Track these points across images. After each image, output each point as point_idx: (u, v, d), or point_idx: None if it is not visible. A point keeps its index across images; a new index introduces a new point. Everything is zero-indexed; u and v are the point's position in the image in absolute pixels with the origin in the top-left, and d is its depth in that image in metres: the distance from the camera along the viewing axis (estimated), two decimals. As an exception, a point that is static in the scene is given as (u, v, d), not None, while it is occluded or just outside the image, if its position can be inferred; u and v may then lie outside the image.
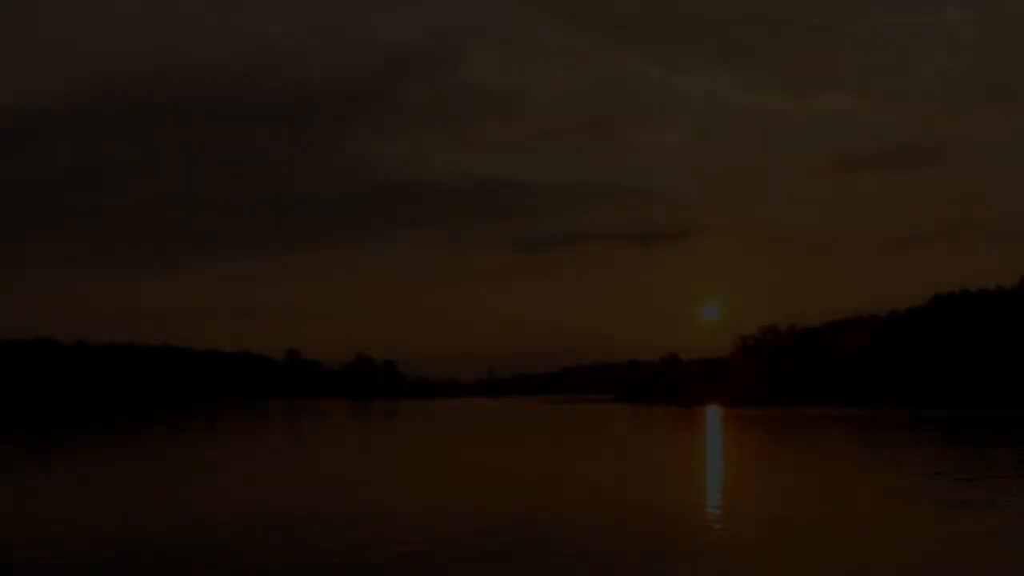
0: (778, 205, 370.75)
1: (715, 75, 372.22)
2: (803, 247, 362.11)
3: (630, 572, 17.14)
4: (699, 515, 24.69)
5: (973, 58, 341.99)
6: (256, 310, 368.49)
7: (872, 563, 17.83)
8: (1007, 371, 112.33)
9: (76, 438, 65.43)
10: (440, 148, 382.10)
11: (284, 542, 20.67)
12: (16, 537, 21.74)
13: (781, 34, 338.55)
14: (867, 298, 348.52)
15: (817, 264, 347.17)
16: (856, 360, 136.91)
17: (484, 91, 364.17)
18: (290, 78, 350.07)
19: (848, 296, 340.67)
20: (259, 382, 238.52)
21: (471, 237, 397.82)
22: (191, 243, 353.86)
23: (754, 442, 57.25)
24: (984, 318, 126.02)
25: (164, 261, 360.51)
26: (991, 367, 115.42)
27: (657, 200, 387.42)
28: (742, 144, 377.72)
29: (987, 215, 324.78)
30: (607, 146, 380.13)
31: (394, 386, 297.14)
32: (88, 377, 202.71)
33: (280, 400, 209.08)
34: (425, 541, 20.47)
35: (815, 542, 20.35)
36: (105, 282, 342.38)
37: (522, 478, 34.51)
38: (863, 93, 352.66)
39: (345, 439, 66.97)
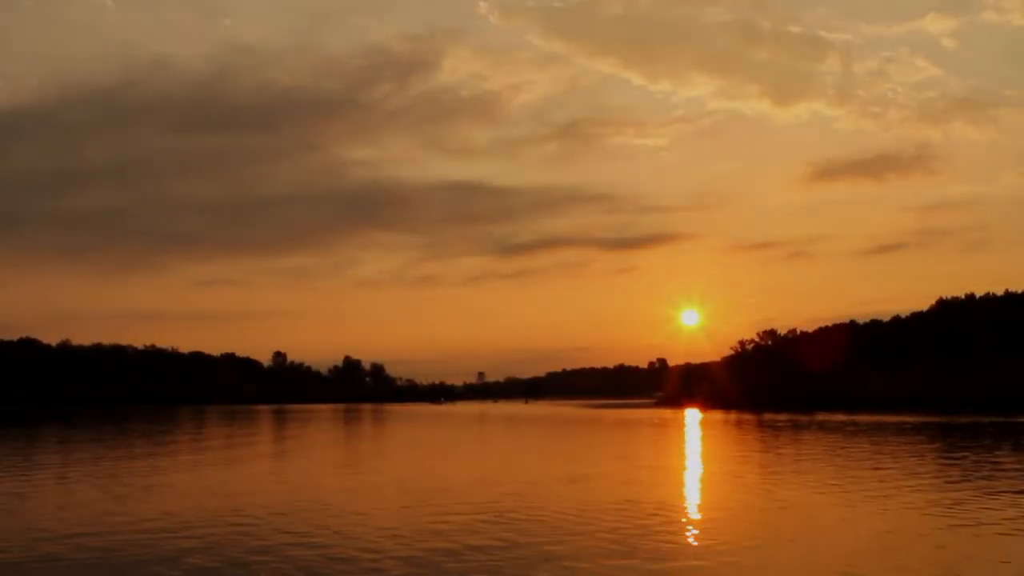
0: (757, 211, 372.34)
1: (696, 82, 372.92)
2: (781, 253, 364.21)
3: None
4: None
5: (952, 67, 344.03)
6: (239, 313, 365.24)
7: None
8: (1006, 377, 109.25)
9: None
10: (420, 152, 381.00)
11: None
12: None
13: (762, 42, 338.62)
14: (845, 304, 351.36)
15: (795, 270, 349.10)
16: (856, 364, 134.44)
17: (464, 96, 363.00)
18: (268, 82, 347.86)
19: (826, 302, 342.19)
20: (246, 385, 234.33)
21: (450, 241, 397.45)
22: (169, 246, 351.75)
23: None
24: (989, 324, 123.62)
25: (144, 264, 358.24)
26: (989, 372, 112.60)
27: (636, 205, 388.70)
28: (722, 150, 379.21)
29: (965, 222, 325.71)
30: (587, 151, 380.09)
31: (384, 390, 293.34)
32: (71, 378, 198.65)
33: (267, 404, 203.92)
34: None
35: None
36: (86, 285, 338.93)
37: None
38: (843, 101, 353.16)
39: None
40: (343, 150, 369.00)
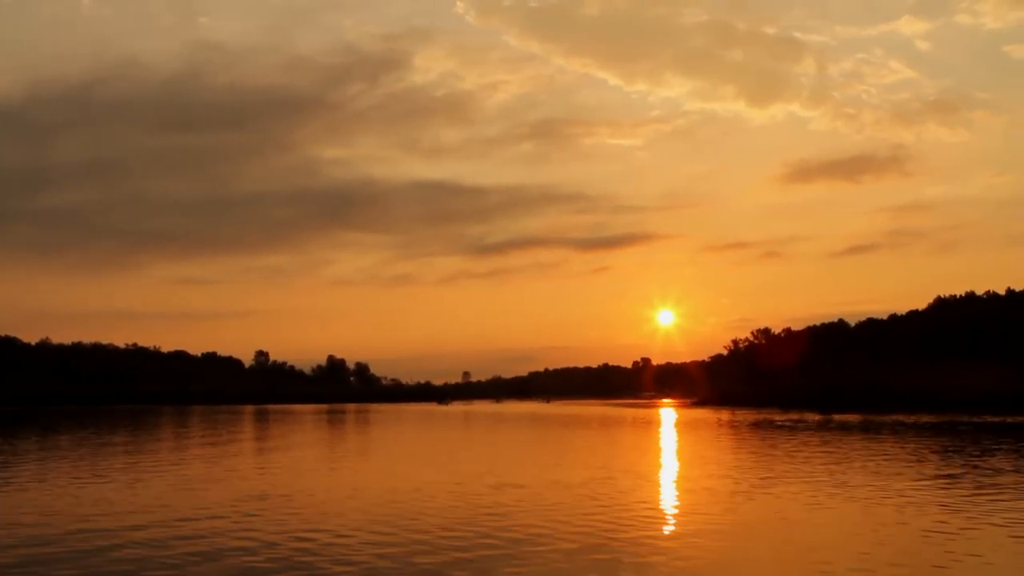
0: (732, 212, 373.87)
1: (672, 82, 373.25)
2: (756, 253, 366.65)
3: None
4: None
5: (926, 69, 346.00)
6: (217, 312, 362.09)
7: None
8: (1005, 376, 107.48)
9: None
10: (393, 152, 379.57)
11: None
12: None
13: (738, 43, 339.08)
14: (819, 304, 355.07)
15: (769, 270, 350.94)
16: (851, 362, 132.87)
17: (438, 95, 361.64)
18: (241, 80, 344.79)
19: (800, 302, 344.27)
20: (229, 385, 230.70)
21: (424, 241, 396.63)
22: (145, 244, 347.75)
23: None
24: (984, 322, 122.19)
25: (120, 262, 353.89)
26: (984, 372, 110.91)
27: (611, 205, 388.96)
28: (697, 151, 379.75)
29: (938, 223, 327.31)
30: (562, 151, 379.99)
31: (370, 390, 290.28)
32: (51, 377, 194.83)
33: (251, 404, 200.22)
34: None
35: None
36: (64, 284, 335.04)
37: None
38: (818, 102, 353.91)
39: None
40: (316, 149, 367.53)
